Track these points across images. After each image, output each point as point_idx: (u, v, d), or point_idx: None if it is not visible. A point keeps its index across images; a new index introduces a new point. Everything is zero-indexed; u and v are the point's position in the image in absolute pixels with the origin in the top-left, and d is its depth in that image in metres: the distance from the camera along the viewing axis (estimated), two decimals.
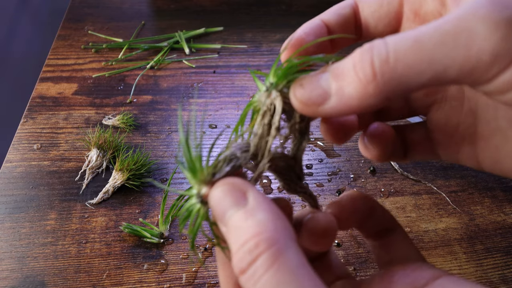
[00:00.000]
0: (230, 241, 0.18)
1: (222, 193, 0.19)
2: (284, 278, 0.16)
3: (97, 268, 0.39)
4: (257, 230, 0.17)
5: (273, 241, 0.16)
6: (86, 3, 0.74)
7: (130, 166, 0.45)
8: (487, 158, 0.24)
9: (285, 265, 0.16)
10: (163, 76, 0.61)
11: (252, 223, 0.17)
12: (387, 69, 0.16)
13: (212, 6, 0.76)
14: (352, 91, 0.18)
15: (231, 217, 0.18)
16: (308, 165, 0.50)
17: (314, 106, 0.19)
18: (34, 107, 0.55)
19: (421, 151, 0.27)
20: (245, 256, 0.17)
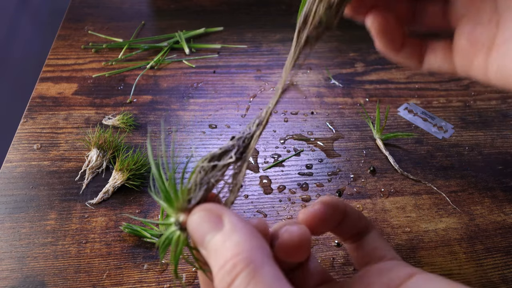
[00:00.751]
0: (211, 264, 0.19)
1: (199, 219, 0.20)
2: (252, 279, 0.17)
3: (97, 268, 0.39)
4: (234, 251, 0.18)
5: (249, 260, 0.18)
6: (86, 3, 0.74)
7: (130, 166, 0.45)
8: (494, 64, 0.25)
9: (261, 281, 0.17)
10: (163, 76, 0.61)
11: (229, 245, 0.18)
12: None
13: (212, 6, 0.76)
14: None
15: (210, 241, 0.19)
16: (308, 165, 0.50)
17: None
18: (34, 107, 0.55)
19: (441, 56, 0.28)
20: (224, 277, 0.18)
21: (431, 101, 0.58)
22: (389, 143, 0.53)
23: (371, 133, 0.54)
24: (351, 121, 0.55)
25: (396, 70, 0.64)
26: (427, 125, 0.55)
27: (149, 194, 0.46)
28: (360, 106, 0.57)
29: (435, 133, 0.54)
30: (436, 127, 0.55)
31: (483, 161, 0.51)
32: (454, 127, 0.55)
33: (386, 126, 0.55)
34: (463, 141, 0.53)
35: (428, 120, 0.55)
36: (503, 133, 0.55)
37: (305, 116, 0.56)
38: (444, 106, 0.58)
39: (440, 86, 0.61)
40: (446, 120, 0.56)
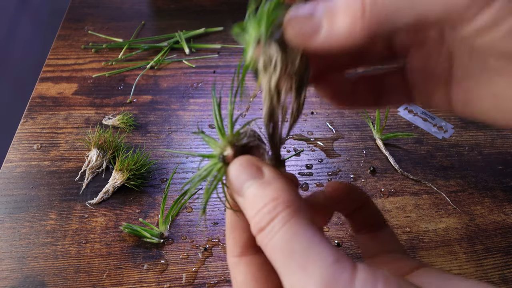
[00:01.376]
0: (247, 209, 0.20)
1: (241, 167, 0.21)
2: (298, 231, 0.18)
3: (97, 268, 0.39)
4: (274, 195, 0.19)
5: (289, 203, 0.19)
6: (86, 3, 0.74)
7: (130, 166, 0.45)
8: (459, 100, 0.25)
9: (299, 222, 0.19)
10: (163, 76, 0.61)
11: (269, 191, 0.20)
12: (375, 8, 0.18)
13: (212, 6, 0.76)
14: (341, 25, 0.19)
15: (249, 187, 0.20)
16: (308, 165, 0.50)
17: (306, 37, 0.20)
18: (34, 107, 0.55)
19: (395, 96, 0.28)
20: (264, 217, 0.19)
21: None
22: (389, 143, 0.52)
23: (371, 133, 0.54)
24: (351, 121, 0.55)
25: None
26: (427, 125, 0.55)
27: (149, 194, 0.46)
28: None
29: (435, 133, 0.54)
30: (436, 127, 0.55)
31: (483, 161, 0.51)
32: (454, 127, 0.55)
33: (386, 126, 0.55)
34: (463, 141, 0.53)
35: (428, 120, 0.55)
36: (503, 133, 0.55)
37: (305, 116, 0.56)
38: None
39: None
40: (446, 120, 0.56)
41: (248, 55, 0.23)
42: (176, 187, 0.47)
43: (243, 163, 0.21)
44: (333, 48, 0.20)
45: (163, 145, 0.51)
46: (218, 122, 0.23)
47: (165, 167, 0.49)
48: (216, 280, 0.39)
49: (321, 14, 0.20)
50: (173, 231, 0.43)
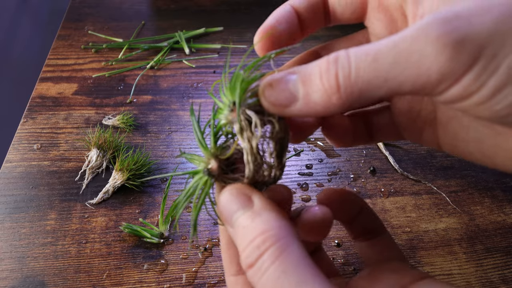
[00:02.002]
0: (237, 241, 0.20)
1: (230, 196, 0.21)
2: (288, 268, 0.18)
3: (97, 268, 0.39)
4: (263, 228, 0.19)
5: (278, 237, 0.18)
6: (86, 3, 0.74)
7: (130, 166, 0.45)
8: (446, 142, 0.25)
9: (289, 258, 0.18)
10: (163, 76, 0.61)
11: (259, 222, 0.19)
12: (349, 83, 0.18)
13: (212, 6, 0.76)
14: (318, 98, 0.19)
15: (238, 218, 0.20)
16: (308, 165, 0.50)
17: (282, 107, 0.21)
18: (34, 107, 0.55)
19: (386, 134, 0.29)
20: (253, 252, 0.18)
21: None
22: (389, 143, 0.52)
23: None
24: None
25: None
26: None
27: (149, 194, 0.46)
28: None
29: None
30: None
31: None
32: None
33: None
34: None
35: None
36: None
37: None
38: None
39: None
40: None
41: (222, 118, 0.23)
42: (176, 187, 0.47)
43: (232, 192, 0.21)
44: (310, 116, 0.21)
45: (163, 145, 0.51)
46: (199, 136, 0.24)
47: (165, 167, 0.49)
48: (216, 280, 0.39)
49: (295, 85, 0.20)
50: (173, 231, 0.43)
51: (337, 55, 0.19)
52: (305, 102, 0.20)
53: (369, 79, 0.18)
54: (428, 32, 0.17)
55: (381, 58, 0.18)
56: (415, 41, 0.17)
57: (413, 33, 0.18)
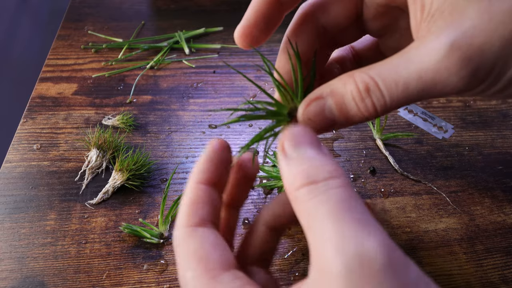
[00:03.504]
0: (295, 167, 0.20)
1: (306, 130, 0.22)
2: (356, 196, 0.19)
3: (97, 269, 0.39)
4: (334, 163, 0.20)
5: (346, 176, 0.20)
6: (86, 3, 0.74)
7: (130, 166, 0.45)
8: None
9: (354, 192, 0.19)
10: (163, 76, 0.61)
11: (329, 159, 0.20)
12: (385, 108, 0.21)
13: (212, 6, 0.76)
14: (357, 119, 0.22)
15: (307, 149, 0.21)
16: None
17: (325, 130, 0.23)
18: (34, 107, 0.55)
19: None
20: (322, 173, 0.19)
21: (431, 101, 0.58)
22: (389, 143, 0.52)
23: (371, 133, 0.54)
24: None
25: None
26: (427, 125, 0.55)
27: (149, 194, 0.46)
28: None
29: (435, 133, 0.54)
30: (436, 127, 0.55)
31: (483, 161, 0.51)
32: (454, 127, 0.55)
33: (386, 126, 0.55)
34: (463, 141, 0.53)
35: (428, 120, 0.55)
36: (503, 133, 0.55)
37: None
38: (444, 106, 0.58)
39: None
40: (446, 120, 0.56)
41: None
42: (176, 187, 0.47)
43: (309, 130, 0.22)
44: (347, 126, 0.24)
45: (163, 145, 0.51)
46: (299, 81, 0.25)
47: (165, 167, 0.49)
48: None
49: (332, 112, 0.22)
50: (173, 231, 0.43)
51: (366, 84, 0.21)
52: (346, 123, 0.23)
53: (403, 103, 0.21)
54: (449, 67, 0.20)
55: (410, 87, 0.20)
56: (438, 75, 0.20)
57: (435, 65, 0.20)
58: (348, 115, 0.22)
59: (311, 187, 0.19)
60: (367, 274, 0.16)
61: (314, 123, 0.23)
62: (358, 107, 0.22)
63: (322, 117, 0.23)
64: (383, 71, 0.21)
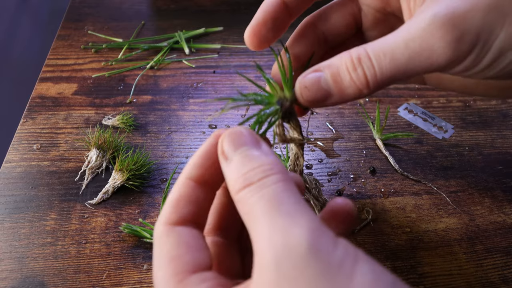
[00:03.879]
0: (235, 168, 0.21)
1: (246, 131, 0.23)
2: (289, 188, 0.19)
3: (97, 269, 0.39)
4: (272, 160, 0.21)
5: (283, 172, 0.20)
6: (86, 3, 0.74)
7: (130, 166, 0.45)
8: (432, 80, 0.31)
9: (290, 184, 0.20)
10: (163, 76, 0.61)
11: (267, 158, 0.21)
12: (375, 80, 0.23)
13: (212, 6, 0.76)
14: (350, 92, 0.24)
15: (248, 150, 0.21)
16: (308, 165, 0.50)
17: (319, 102, 0.25)
18: (33, 107, 0.55)
19: None
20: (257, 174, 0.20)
21: (431, 101, 0.58)
22: (389, 143, 0.52)
23: (371, 133, 0.54)
24: (351, 121, 0.55)
25: None
26: (427, 125, 0.55)
27: (149, 194, 0.46)
28: (360, 106, 0.57)
29: (435, 133, 0.54)
30: (436, 127, 0.55)
31: (483, 161, 0.51)
32: (454, 127, 0.55)
33: (386, 126, 0.55)
34: (463, 141, 0.53)
35: (428, 120, 0.55)
36: (503, 133, 0.55)
37: (305, 116, 0.56)
38: (444, 106, 0.58)
39: None
40: (446, 120, 0.56)
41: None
42: None
43: (248, 130, 0.23)
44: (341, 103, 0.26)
45: (163, 145, 0.51)
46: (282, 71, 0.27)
47: (165, 167, 0.49)
48: None
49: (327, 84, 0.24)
50: None
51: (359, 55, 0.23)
52: (339, 96, 0.24)
53: (392, 74, 0.22)
54: (433, 32, 0.21)
55: (397, 56, 0.22)
56: (424, 41, 0.21)
57: (420, 33, 0.22)
58: (342, 86, 0.24)
59: (249, 189, 0.19)
60: (293, 261, 0.17)
61: (309, 91, 0.24)
62: (351, 77, 0.23)
63: (317, 87, 0.24)
64: (375, 45, 0.23)
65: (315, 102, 0.25)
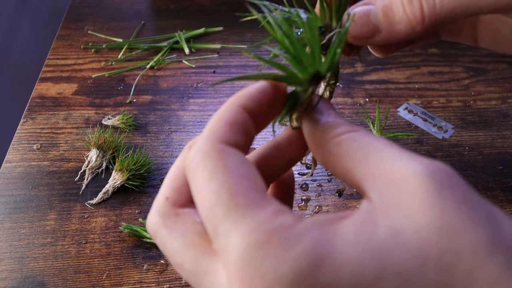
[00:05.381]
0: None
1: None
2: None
3: (97, 269, 0.39)
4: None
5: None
6: (86, 3, 0.74)
7: (130, 166, 0.45)
8: (486, 39, 0.28)
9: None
10: (163, 76, 0.61)
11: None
12: (434, 13, 0.20)
13: (212, 6, 0.76)
14: (402, 28, 0.21)
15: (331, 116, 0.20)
16: (309, 165, 0.50)
17: (366, 39, 0.22)
18: (34, 107, 0.55)
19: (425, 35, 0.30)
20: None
21: (431, 101, 0.58)
22: None
23: None
24: (351, 121, 0.55)
25: (396, 70, 0.64)
26: (427, 125, 0.55)
27: (149, 194, 0.46)
28: (360, 106, 0.57)
29: (435, 133, 0.54)
30: (436, 127, 0.55)
31: (483, 161, 0.51)
32: (454, 127, 0.55)
33: (386, 126, 0.55)
34: (463, 141, 0.53)
35: (428, 120, 0.55)
36: (503, 133, 0.55)
37: None
38: (444, 106, 0.58)
39: (440, 86, 0.61)
40: (446, 120, 0.56)
41: None
42: None
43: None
44: (391, 42, 0.22)
45: (163, 145, 0.51)
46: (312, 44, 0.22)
47: (165, 167, 0.49)
48: None
49: (377, 17, 0.22)
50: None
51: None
52: (389, 32, 0.22)
53: (454, 8, 0.20)
54: None
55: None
56: None
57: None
58: (392, 21, 0.21)
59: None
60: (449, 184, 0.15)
61: (356, 25, 0.22)
62: (405, 9, 0.21)
63: (365, 20, 0.22)
64: None
65: (361, 38, 0.22)
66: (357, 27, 0.22)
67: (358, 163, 0.17)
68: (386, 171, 0.16)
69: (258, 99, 0.19)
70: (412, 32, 0.21)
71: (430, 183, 0.15)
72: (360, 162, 0.17)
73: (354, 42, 0.23)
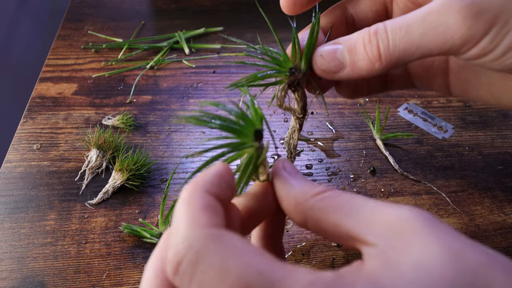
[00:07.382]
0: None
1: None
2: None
3: (97, 269, 0.39)
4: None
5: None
6: (86, 3, 0.74)
7: (130, 166, 0.45)
8: (457, 88, 0.30)
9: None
10: (163, 76, 0.61)
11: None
12: (388, 53, 0.23)
13: (212, 6, 0.76)
14: (363, 65, 0.24)
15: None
16: (308, 165, 0.50)
17: (332, 73, 0.25)
18: (33, 107, 0.55)
19: (400, 83, 0.33)
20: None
21: (431, 101, 0.58)
22: (389, 143, 0.52)
23: (371, 133, 0.54)
24: (351, 121, 0.55)
25: None
26: (427, 125, 0.55)
27: (149, 194, 0.46)
28: (360, 106, 0.57)
29: (435, 133, 0.54)
30: (436, 127, 0.55)
31: (483, 161, 0.51)
32: (454, 127, 0.55)
33: (386, 126, 0.55)
34: (463, 141, 0.53)
35: (428, 120, 0.55)
36: (503, 133, 0.55)
37: None
38: (444, 106, 0.58)
39: None
40: (446, 120, 0.56)
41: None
42: (176, 187, 0.47)
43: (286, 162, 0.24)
44: (354, 79, 0.25)
45: (163, 145, 0.51)
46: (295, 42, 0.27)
47: (165, 167, 0.49)
48: None
49: (342, 55, 0.25)
50: None
51: (376, 29, 0.23)
52: (352, 69, 0.24)
53: (405, 49, 0.22)
54: (451, 6, 0.21)
55: (412, 30, 0.22)
56: (440, 16, 0.21)
57: (438, 8, 0.21)
58: (355, 58, 0.24)
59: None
60: None
61: (323, 60, 0.25)
62: (365, 49, 0.23)
63: (332, 56, 0.25)
64: (395, 20, 0.23)
65: (328, 72, 0.25)
66: (325, 61, 0.25)
67: (347, 214, 0.19)
68: (381, 218, 0.19)
69: (218, 184, 0.21)
70: (372, 68, 0.24)
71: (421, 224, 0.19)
72: (349, 213, 0.19)
73: (322, 75, 0.26)
